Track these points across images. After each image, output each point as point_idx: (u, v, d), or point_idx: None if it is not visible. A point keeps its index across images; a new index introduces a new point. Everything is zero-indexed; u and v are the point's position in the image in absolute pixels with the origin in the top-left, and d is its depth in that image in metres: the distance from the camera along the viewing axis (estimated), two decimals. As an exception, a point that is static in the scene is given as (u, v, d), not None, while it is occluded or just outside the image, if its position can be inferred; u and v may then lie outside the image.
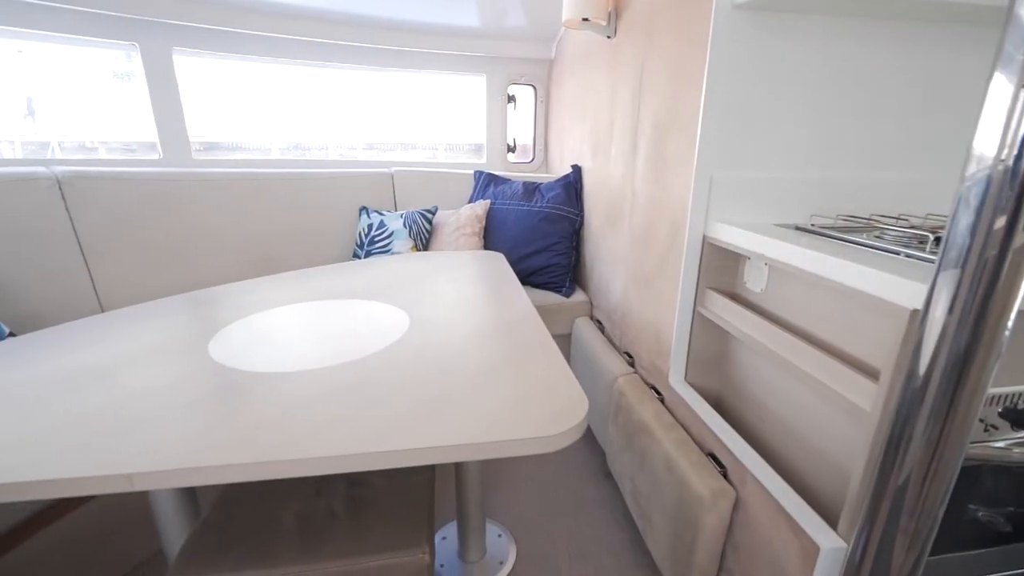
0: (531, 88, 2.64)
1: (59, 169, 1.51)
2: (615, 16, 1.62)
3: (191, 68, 1.92)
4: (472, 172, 2.36)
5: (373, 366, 0.87)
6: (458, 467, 1.23)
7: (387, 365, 0.88)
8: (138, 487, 0.60)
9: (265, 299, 1.23)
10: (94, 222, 1.54)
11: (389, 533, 0.85)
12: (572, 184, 2.09)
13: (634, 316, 1.54)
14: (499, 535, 1.41)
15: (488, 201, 2.15)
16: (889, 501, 0.64)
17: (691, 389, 1.24)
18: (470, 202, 2.26)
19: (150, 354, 0.92)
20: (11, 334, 1.23)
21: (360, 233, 2.05)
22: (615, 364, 1.55)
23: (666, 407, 1.31)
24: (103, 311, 1.54)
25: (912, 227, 0.94)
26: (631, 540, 1.40)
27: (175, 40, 1.82)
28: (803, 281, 0.97)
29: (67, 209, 1.50)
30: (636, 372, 1.51)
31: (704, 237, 1.17)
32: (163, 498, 0.97)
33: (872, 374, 0.77)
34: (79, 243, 1.52)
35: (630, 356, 1.58)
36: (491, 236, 2.09)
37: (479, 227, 2.09)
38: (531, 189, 2.16)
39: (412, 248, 1.99)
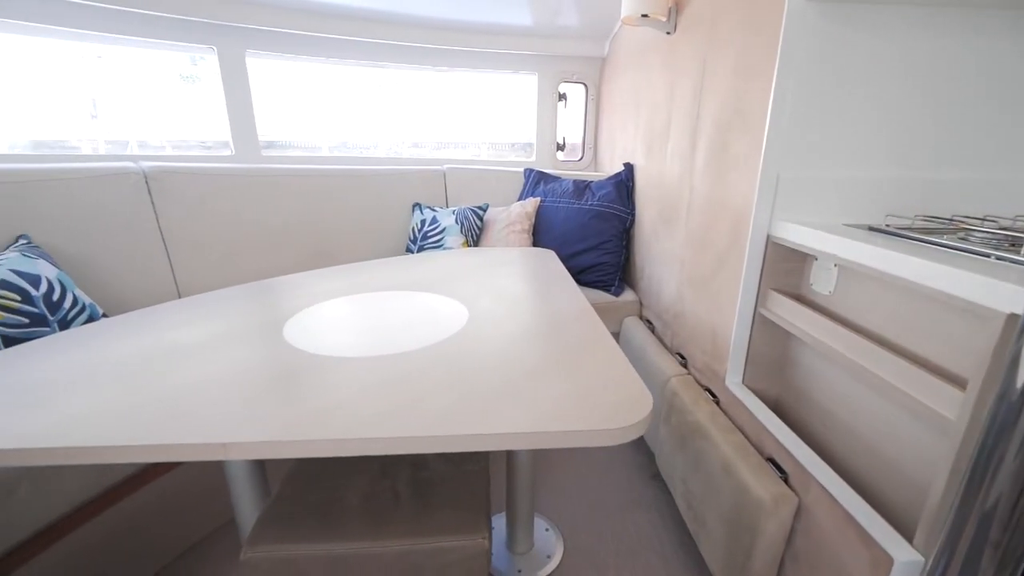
0: (582, 86, 2.63)
1: (145, 164, 1.63)
2: (675, 12, 1.59)
3: (251, 69, 2.02)
4: (522, 170, 2.38)
5: (438, 354, 0.90)
6: (510, 459, 1.24)
7: (451, 354, 0.90)
8: (231, 456, 0.65)
9: (329, 288, 1.28)
10: (175, 214, 1.66)
11: (450, 517, 0.87)
12: (623, 182, 2.08)
13: (688, 316, 1.51)
14: (546, 529, 1.42)
15: (538, 199, 2.17)
16: (978, 514, 0.61)
17: (749, 392, 1.21)
18: (519, 199, 2.28)
19: (232, 336, 0.98)
20: (104, 315, 1.35)
21: (413, 228, 2.11)
22: (667, 364, 1.53)
23: (722, 409, 1.28)
24: (179, 297, 1.66)
25: (1003, 228, 0.89)
26: (680, 543, 1.38)
27: (248, 43, 1.93)
28: (877, 284, 0.93)
29: (152, 202, 1.62)
30: (689, 373, 1.49)
31: (768, 237, 1.14)
32: (239, 471, 1.03)
33: (957, 382, 0.73)
34: (161, 233, 1.63)
35: (682, 357, 1.56)
36: (540, 233, 2.10)
37: (528, 224, 2.10)
38: (581, 187, 2.16)
39: (463, 244, 2.03)
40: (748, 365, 1.24)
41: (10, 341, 1.10)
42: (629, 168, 2.08)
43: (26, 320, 1.14)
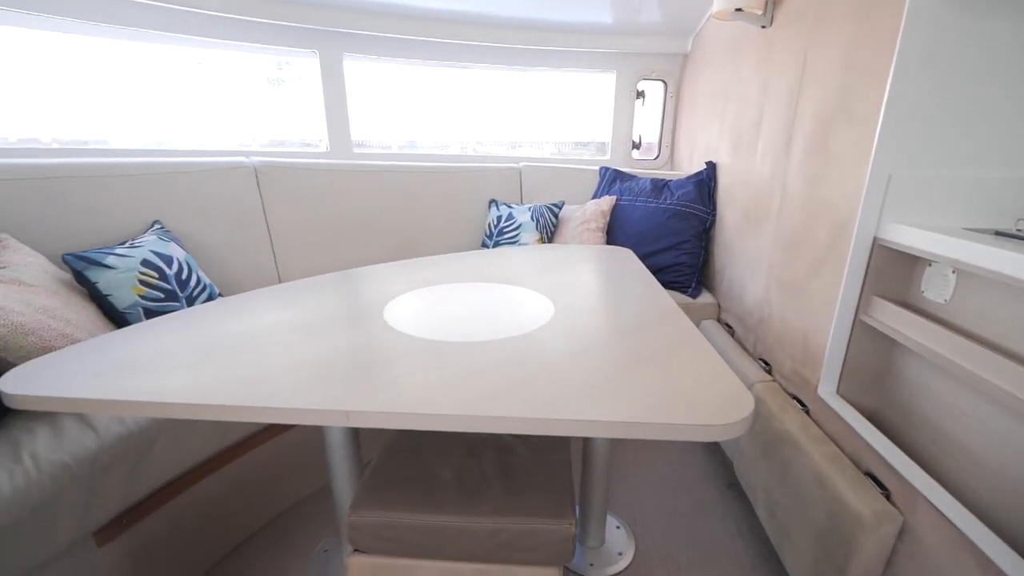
0: (662, 83, 2.58)
1: (256, 159, 1.79)
2: (772, 6, 1.53)
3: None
4: (597, 168, 2.38)
5: (531, 343, 0.93)
6: (586, 453, 1.26)
7: (543, 344, 0.93)
8: (352, 423, 0.71)
9: (418, 278, 1.35)
10: (278, 205, 1.81)
11: (538, 500, 0.90)
12: (705, 181, 2.02)
13: (775, 321, 1.45)
14: (617, 527, 1.42)
15: (614, 197, 2.15)
16: None
17: (845, 403, 1.15)
18: (594, 198, 2.28)
19: (339, 317, 1.06)
20: (220, 295, 1.50)
21: (489, 224, 2.17)
22: (749, 370, 1.48)
23: (812, 419, 1.23)
24: (279, 281, 1.81)
25: None
26: (759, 553, 1.33)
27: (346, 46, 2.06)
28: (1003, 292, 0.85)
29: (260, 194, 1.77)
30: (774, 380, 1.43)
31: (875, 239, 1.07)
32: (338, 440, 1.12)
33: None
34: (267, 222, 1.79)
35: (767, 363, 1.50)
36: (615, 232, 2.09)
37: (603, 223, 2.10)
38: (659, 186, 2.12)
39: (538, 240, 2.06)
40: (844, 374, 1.18)
41: (149, 313, 1.25)
42: (711, 167, 2.02)
43: (162, 295, 1.29)
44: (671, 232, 1.98)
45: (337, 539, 1.35)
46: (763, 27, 1.59)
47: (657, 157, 2.67)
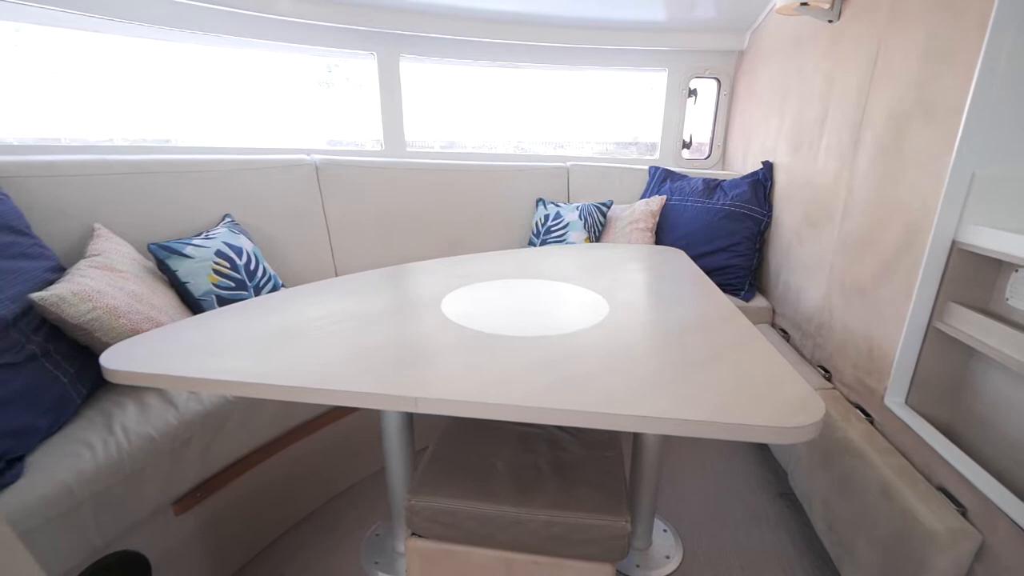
0: (715, 81, 2.52)
1: (317, 157, 1.87)
2: (841, -2, 1.47)
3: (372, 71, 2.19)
4: (646, 168, 2.35)
5: (588, 340, 0.94)
6: (636, 453, 1.25)
7: (600, 341, 0.93)
8: (420, 409, 0.74)
9: (471, 273, 1.38)
10: (337, 201, 1.88)
11: (592, 496, 0.91)
12: (760, 181, 1.96)
13: (837, 327, 1.40)
14: (664, 530, 1.40)
15: (663, 197, 2.12)
16: None
17: (915, 414, 1.09)
18: (643, 197, 2.25)
19: (398, 309, 1.10)
20: (283, 285, 1.57)
21: (537, 223, 2.18)
22: (808, 377, 1.43)
23: (877, 429, 1.17)
24: (336, 275, 1.88)
25: None
26: (814, 565, 1.28)
27: (403, 48, 2.12)
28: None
29: (320, 190, 1.85)
30: (835, 388, 1.38)
31: (953, 243, 1.02)
32: (394, 426, 1.16)
33: None
34: (325, 217, 1.86)
35: (826, 370, 1.44)
36: (665, 232, 2.06)
37: (652, 223, 2.07)
38: (712, 186, 2.08)
39: (586, 239, 2.05)
40: (914, 384, 1.12)
41: (221, 300, 1.33)
42: (768, 166, 1.96)
43: (233, 284, 1.37)
44: (724, 233, 1.93)
45: (388, 523, 1.39)
46: (830, 21, 1.53)
47: (708, 156, 2.61)
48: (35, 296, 0.99)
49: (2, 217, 1.10)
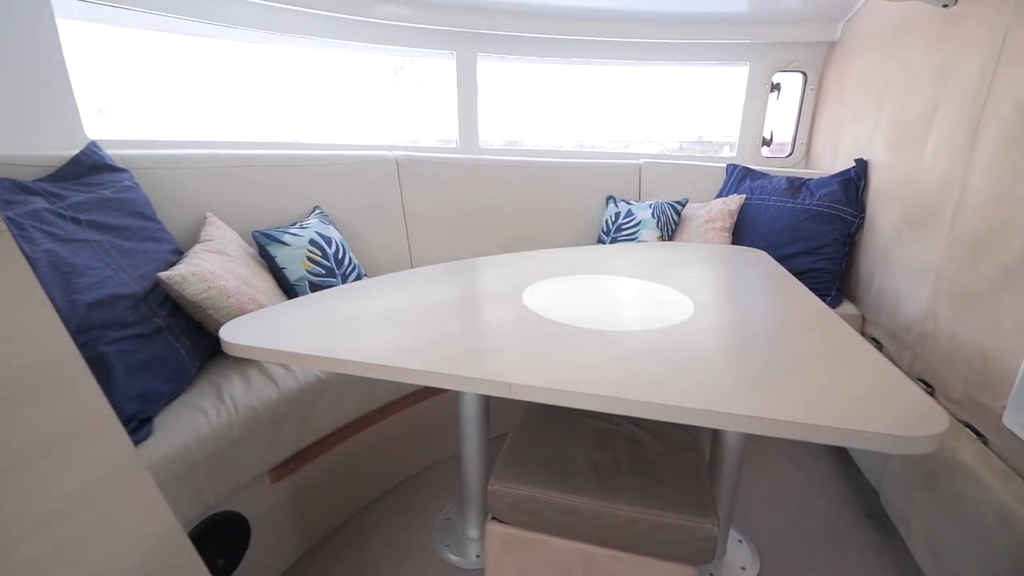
0: (800, 75, 2.39)
1: (397, 153, 1.95)
2: (960, -20, 1.35)
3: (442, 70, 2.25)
4: (723, 166, 2.26)
5: (675, 337, 0.92)
6: (715, 457, 1.21)
7: (688, 338, 0.91)
8: (514, 395, 0.75)
9: (548, 268, 1.39)
10: (414, 195, 1.96)
11: (677, 496, 0.89)
12: (852, 180, 1.84)
13: (942, 338, 1.29)
14: (739, 540, 1.35)
15: (743, 196, 2.04)
16: None
17: (1042, 436, 0.99)
18: (719, 196, 2.17)
19: (481, 299, 1.13)
20: (364, 275, 1.65)
21: (607, 220, 2.15)
22: (906, 390, 1.33)
23: (992, 451, 1.07)
24: (411, 266, 1.95)
25: None
26: (909, 595, 1.19)
27: (480, 47, 2.16)
28: None
29: (399, 184, 1.93)
30: (938, 404, 1.27)
31: (1097, 247, 0.91)
32: (472, 412, 1.19)
33: None
34: (403, 211, 1.94)
35: (928, 384, 1.33)
36: (743, 232, 1.97)
37: (730, 222, 1.99)
38: (797, 185, 1.97)
39: (658, 238, 2.01)
40: (1041, 403, 1.01)
41: (313, 286, 1.42)
42: (861, 164, 1.83)
43: (323, 271, 1.46)
44: (809, 235, 1.82)
45: (460, 507, 1.43)
46: (944, 6, 1.41)
47: (790, 154, 2.48)
48: (162, 275, 1.10)
49: (134, 204, 1.23)
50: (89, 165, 1.21)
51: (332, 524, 1.37)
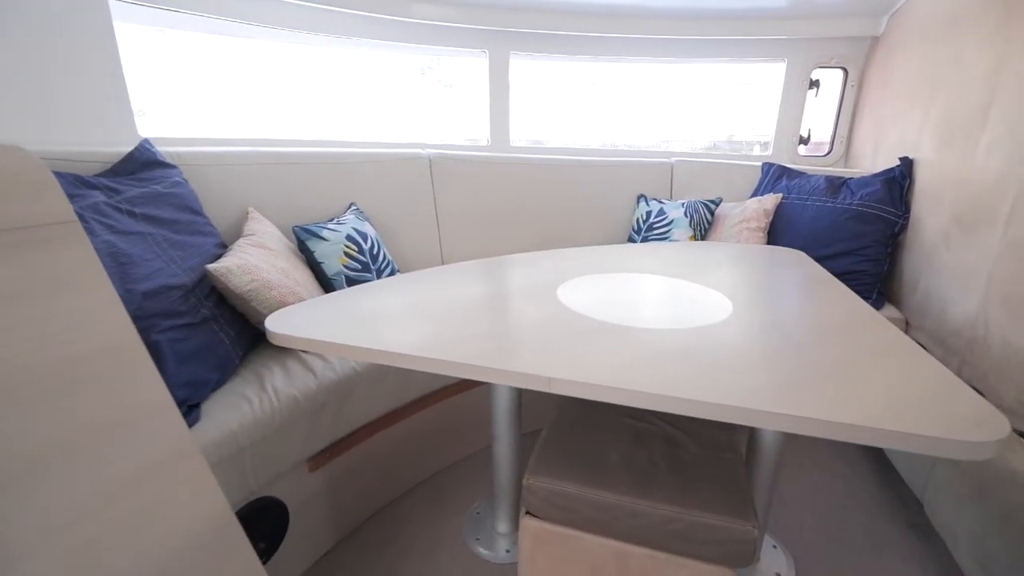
0: (841, 71, 2.32)
1: (430, 151, 1.98)
2: (1019, -32, 1.29)
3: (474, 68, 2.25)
4: (759, 164, 2.21)
5: (715, 336, 0.91)
6: (751, 458, 1.19)
7: (729, 337, 0.90)
8: (553, 389, 0.76)
9: (582, 265, 1.38)
10: (446, 193, 1.98)
11: (715, 496, 0.88)
12: (896, 180, 1.78)
13: (995, 344, 1.23)
14: (774, 546, 1.32)
15: (779, 195, 1.99)
16: None
17: (1106, 448, 0.94)
18: (755, 195, 2.13)
19: (516, 295, 1.13)
20: (397, 270, 1.68)
21: (638, 219, 2.13)
22: (954, 397, 1.28)
23: (1051, 463, 1.02)
24: (442, 263, 1.97)
25: None
26: (956, 610, 1.15)
27: (513, 45, 2.17)
28: None
29: (432, 182, 1.95)
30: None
31: None
32: (504, 406, 1.20)
33: None
34: (435, 208, 1.96)
35: (978, 391, 1.28)
36: (780, 233, 1.93)
37: (765, 222, 1.95)
38: (837, 184, 1.91)
39: (691, 237, 1.98)
40: (1106, 414, 0.96)
41: (349, 281, 1.45)
42: (906, 163, 1.77)
43: (359, 266, 1.49)
44: (850, 235, 1.77)
45: (490, 502, 1.44)
46: (1003, -3, 1.35)
47: (828, 153, 2.41)
48: (210, 267, 1.14)
49: (183, 199, 1.27)
50: (142, 161, 1.26)
51: (365, 514, 1.40)
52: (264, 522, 1.11)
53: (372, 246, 1.57)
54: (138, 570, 0.64)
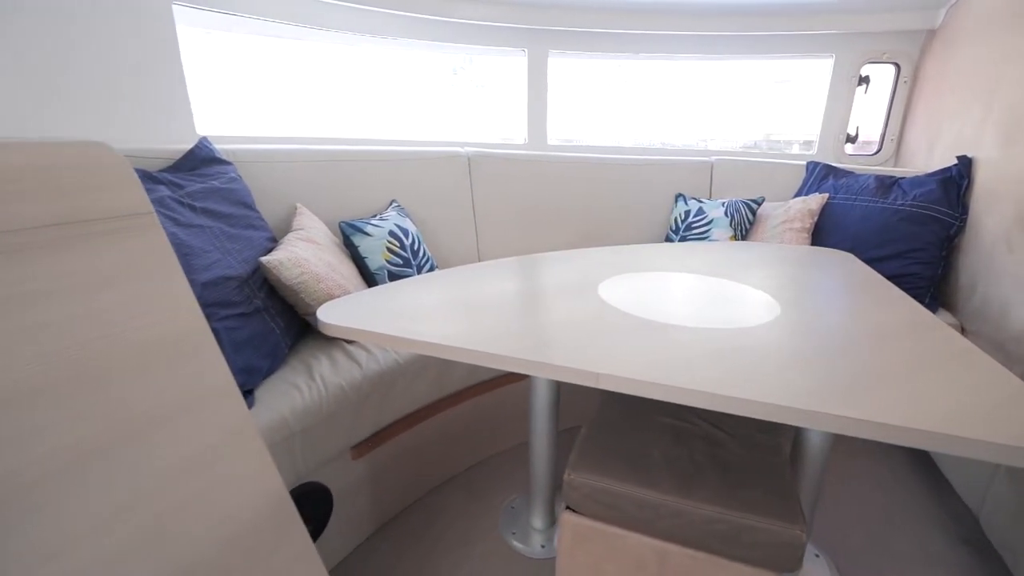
0: (892, 66, 2.23)
1: (469, 149, 2.00)
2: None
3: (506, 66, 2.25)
4: (802, 163, 2.15)
5: (764, 336, 0.89)
6: (797, 463, 1.16)
7: (778, 337, 0.88)
8: (601, 385, 0.76)
9: (622, 263, 1.38)
10: (484, 191, 2.00)
11: (762, 499, 0.86)
12: (953, 179, 1.70)
13: (1063, 352, 1.17)
14: (816, 555, 1.29)
15: (825, 195, 1.93)
16: None
17: None
18: (798, 195, 2.07)
19: (557, 291, 1.14)
20: (436, 267, 1.70)
21: (676, 218, 2.11)
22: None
23: (1125, 479, 0.96)
24: (479, 260, 1.99)
25: None
26: (1014, 630, 1.09)
27: (552, 44, 2.17)
28: None
29: (470, 180, 1.97)
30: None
31: None
32: (543, 401, 1.20)
33: None
34: (473, 206, 1.99)
35: (1043, 402, 1.21)
36: (825, 233, 1.87)
37: (810, 223, 1.89)
38: (887, 184, 1.84)
39: (731, 238, 1.94)
40: None
41: (391, 276, 1.48)
42: (964, 162, 1.69)
43: (400, 261, 1.52)
44: (902, 237, 1.70)
45: (525, 497, 1.46)
46: (1078, -14, 1.27)
47: (877, 152, 2.32)
48: (263, 259, 1.19)
49: (238, 194, 1.33)
50: (201, 158, 1.32)
51: (404, 503, 1.43)
52: (310, 506, 1.15)
53: (413, 242, 1.60)
54: (205, 545, 0.68)
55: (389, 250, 1.50)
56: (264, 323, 1.19)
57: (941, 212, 1.68)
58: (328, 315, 1.00)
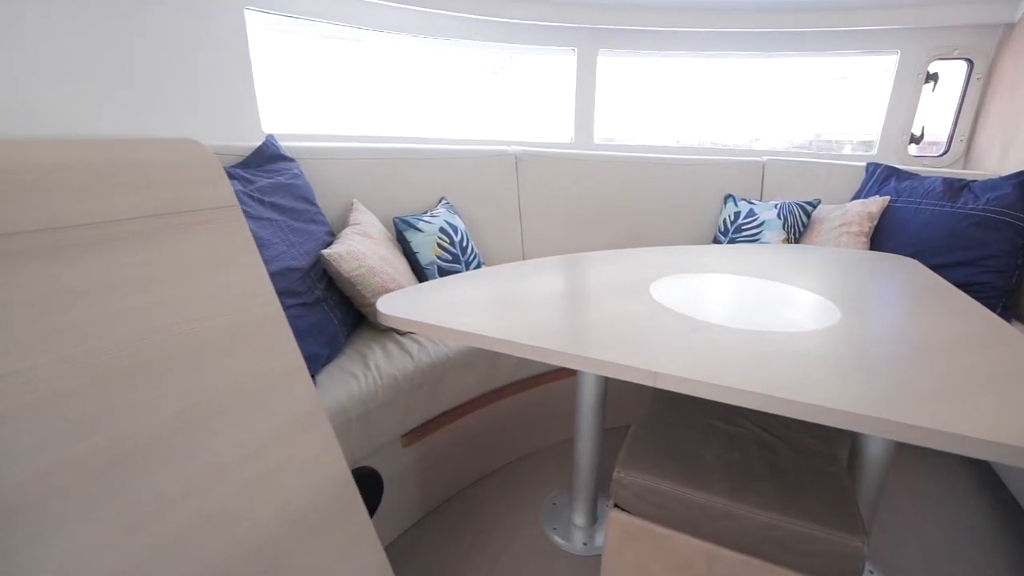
0: (964, 63, 2.11)
1: (515, 148, 2.02)
2: None
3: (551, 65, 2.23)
4: (861, 165, 2.07)
5: (826, 341, 0.87)
6: (856, 476, 1.12)
7: (841, 343, 0.86)
8: (658, 384, 0.76)
9: (671, 263, 1.37)
10: (529, 189, 2.02)
11: (819, 507, 0.85)
12: (1032, 183, 1.60)
13: None
14: (871, 572, 1.24)
15: (886, 198, 1.85)
16: None
17: None
18: (856, 198, 1.99)
19: (609, 291, 1.14)
20: (482, 263, 1.73)
21: (725, 220, 2.06)
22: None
23: None
24: (523, 258, 2.01)
25: None
26: (1091, 665, 1.03)
27: (602, 43, 2.17)
28: None
29: (517, 178, 2.00)
30: None
31: None
32: (590, 397, 1.21)
33: None
34: (519, 204, 2.01)
35: None
36: (885, 238, 1.79)
37: (869, 226, 1.82)
38: (956, 187, 1.75)
39: (784, 240, 1.89)
40: None
41: (441, 271, 1.52)
42: (1045, 165, 1.59)
43: (450, 257, 1.56)
44: (972, 243, 1.61)
45: (567, 494, 1.47)
46: None
47: (944, 153, 2.20)
48: (324, 252, 1.25)
49: (301, 190, 1.40)
50: (268, 155, 1.39)
51: (448, 493, 1.47)
52: (363, 490, 1.19)
53: (462, 239, 1.63)
54: (278, 519, 0.72)
55: (439, 246, 1.54)
56: (324, 313, 1.25)
57: (1017, 218, 1.58)
58: (387, 307, 1.04)
